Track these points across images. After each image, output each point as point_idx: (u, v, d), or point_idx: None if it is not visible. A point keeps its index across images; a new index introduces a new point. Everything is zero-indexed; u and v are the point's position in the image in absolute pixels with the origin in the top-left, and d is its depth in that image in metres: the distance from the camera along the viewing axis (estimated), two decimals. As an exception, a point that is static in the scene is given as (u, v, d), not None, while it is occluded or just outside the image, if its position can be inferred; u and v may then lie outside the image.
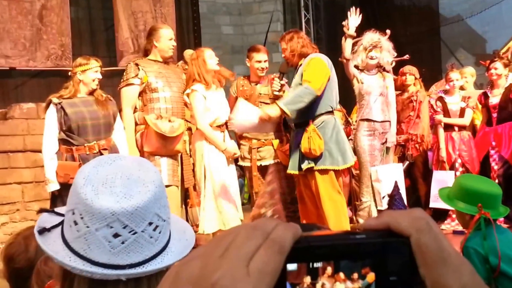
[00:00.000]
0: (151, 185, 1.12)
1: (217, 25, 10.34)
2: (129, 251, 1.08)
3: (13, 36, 7.00)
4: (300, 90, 4.65)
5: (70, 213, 1.10)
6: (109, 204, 1.07)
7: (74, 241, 1.09)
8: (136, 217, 1.08)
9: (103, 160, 1.16)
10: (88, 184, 1.09)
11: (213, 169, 5.06)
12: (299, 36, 4.99)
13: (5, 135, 6.57)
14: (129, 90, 4.90)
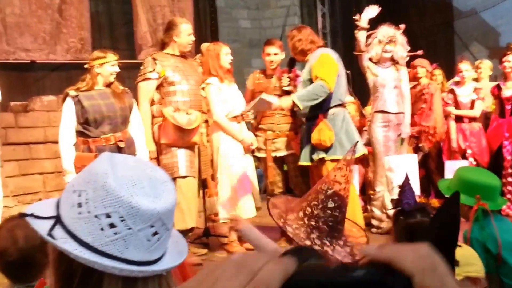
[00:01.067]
0: (170, 184, 1.14)
1: (234, 19, 10.26)
2: (160, 247, 1.11)
3: (33, 30, 6.97)
4: (316, 88, 4.65)
5: (103, 217, 1.08)
6: (153, 205, 1.08)
7: (108, 244, 1.07)
8: (170, 215, 1.12)
9: (112, 159, 1.14)
10: (122, 187, 1.08)
11: (230, 159, 5.09)
12: (300, 34, 5.00)
13: (26, 127, 6.56)
14: (146, 84, 4.89)
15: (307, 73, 4.88)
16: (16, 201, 6.32)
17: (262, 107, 4.87)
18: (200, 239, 5.44)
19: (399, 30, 5.67)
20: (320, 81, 4.65)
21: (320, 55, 4.83)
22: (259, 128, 5.40)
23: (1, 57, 6.66)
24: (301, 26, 5.36)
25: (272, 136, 5.31)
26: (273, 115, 5.31)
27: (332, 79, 4.73)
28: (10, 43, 6.80)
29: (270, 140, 5.31)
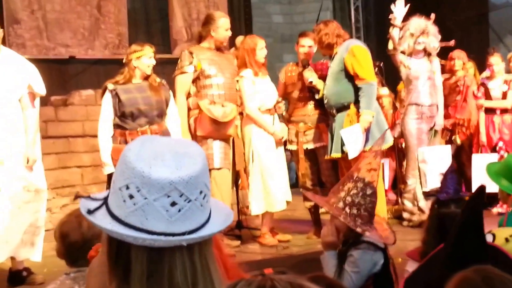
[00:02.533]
0: (199, 157, 1.14)
1: (267, 14, 10.20)
2: (184, 219, 1.10)
3: (73, 26, 7.02)
4: (369, 90, 4.72)
5: (124, 188, 1.11)
6: (166, 175, 1.09)
7: (129, 215, 1.10)
8: (190, 186, 1.10)
9: (146, 139, 1.19)
10: (140, 160, 1.11)
11: (261, 152, 5.06)
12: (326, 28, 4.95)
13: (65, 121, 6.61)
14: (183, 77, 4.92)
15: (337, 65, 4.86)
16: (55, 193, 6.36)
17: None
18: (233, 231, 5.43)
19: (429, 21, 5.57)
20: (367, 83, 4.70)
21: (351, 48, 4.79)
22: (291, 120, 5.34)
23: (42, 53, 6.73)
24: (327, 20, 5.33)
25: (304, 128, 5.24)
26: (305, 107, 5.26)
27: (372, 72, 4.81)
28: (51, 39, 6.86)
29: (302, 132, 5.24)
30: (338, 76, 4.82)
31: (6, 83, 4.12)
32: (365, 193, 2.51)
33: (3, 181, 4.04)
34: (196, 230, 1.11)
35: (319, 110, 5.19)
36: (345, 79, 4.80)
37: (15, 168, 4.11)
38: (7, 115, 4.12)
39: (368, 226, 2.57)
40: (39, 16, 6.76)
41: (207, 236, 1.12)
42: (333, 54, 4.95)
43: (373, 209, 2.58)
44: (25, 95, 4.24)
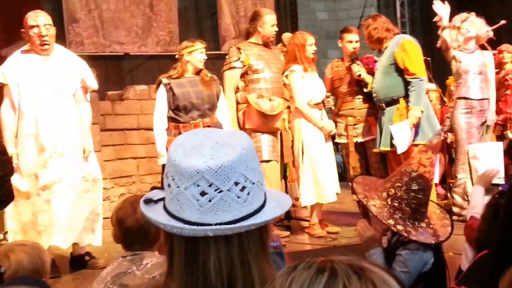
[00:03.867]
0: (238, 148, 1.10)
1: (312, 11, 10.13)
2: (217, 209, 1.06)
3: (127, 24, 7.15)
4: (419, 85, 4.64)
5: (165, 177, 1.11)
6: (194, 163, 1.06)
7: (169, 203, 1.10)
8: (220, 176, 1.06)
9: (197, 131, 1.19)
10: (179, 149, 1.10)
11: (311, 145, 5.04)
12: (375, 23, 4.88)
13: (121, 115, 6.73)
14: (231, 73, 4.95)
15: (387, 59, 4.78)
16: (113, 183, 6.52)
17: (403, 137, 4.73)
18: (282, 222, 5.43)
19: (472, 13, 5.41)
20: (417, 78, 4.62)
21: (402, 42, 4.70)
22: (340, 114, 5.29)
23: (98, 50, 6.89)
24: (375, 15, 5.22)
25: (353, 122, 5.19)
26: (353, 101, 5.20)
27: (422, 67, 4.70)
28: (106, 37, 7.02)
29: (351, 125, 5.19)
30: (388, 70, 4.75)
31: (63, 79, 4.23)
32: (409, 188, 2.41)
33: (64, 172, 4.15)
34: (232, 223, 1.07)
35: (368, 104, 5.12)
36: (395, 73, 4.73)
37: (74, 160, 4.22)
38: (65, 109, 4.23)
39: (409, 222, 2.46)
40: (96, 15, 6.92)
41: (238, 228, 1.07)
42: (382, 49, 4.87)
43: (418, 205, 2.43)
44: (79, 89, 4.35)
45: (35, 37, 4.14)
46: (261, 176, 1.14)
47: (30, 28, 4.13)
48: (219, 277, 1.07)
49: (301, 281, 0.69)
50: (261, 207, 1.12)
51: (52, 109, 4.16)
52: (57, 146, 4.15)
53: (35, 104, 4.13)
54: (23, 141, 4.13)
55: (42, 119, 4.12)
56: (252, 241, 1.10)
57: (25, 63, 4.18)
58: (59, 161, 4.14)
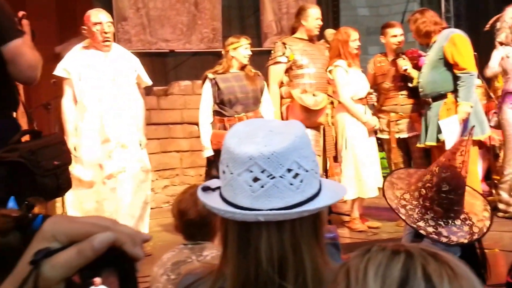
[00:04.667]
0: (292, 136, 1.10)
1: (353, 7, 10.03)
2: (269, 195, 1.06)
3: (172, 22, 7.24)
4: (468, 80, 4.56)
5: (220, 164, 1.13)
6: (248, 150, 1.07)
7: (224, 189, 1.12)
8: (273, 162, 1.06)
9: (253, 120, 1.22)
10: (234, 137, 1.11)
11: (354, 140, 5.01)
12: (423, 17, 4.79)
13: (166, 109, 6.84)
14: (276, 67, 4.97)
15: (436, 53, 4.69)
16: (157, 175, 6.63)
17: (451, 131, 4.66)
18: (323, 217, 5.41)
19: None
20: (467, 73, 4.53)
21: (452, 37, 4.62)
22: (382, 110, 5.24)
23: (145, 47, 6.99)
24: (423, 9, 5.15)
25: (396, 118, 5.14)
26: (396, 97, 5.15)
27: (472, 62, 4.61)
28: (153, 34, 7.12)
29: (394, 121, 5.14)
30: (436, 65, 4.67)
31: (123, 74, 4.39)
32: (439, 189, 2.33)
33: (127, 162, 4.35)
34: (285, 209, 1.07)
35: (412, 100, 5.07)
36: (444, 67, 4.65)
37: (135, 151, 4.42)
38: (126, 103, 4.39)
39: (442, 221, 2.41)
40: (143, 13, 7.03)
41: (290, 214, 1.07)
42: (430, 43, 4.79)
43: (451, 205, 2.38)
44: (135, 85, 4.51)
45: (98, 34, 4.28)
46: (315, 165, 1.14)
47: (93, 25, 4.27)
48: (270, 262, 1.08)
49: (377, 261, 0.68)
50: (315, 195, 1.12)
51: (115, 102, 4.32)
52: (121, 138, 4.34)
53: (98, 98, 4.29)
54: (86, 133, 4.30)
55: (106, 112, 4.29)
56: (304, 228, 1.10)
57: (87, 58, 4.33)
58: (122, 152, 4.33)
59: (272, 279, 1.07)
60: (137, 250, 0.59)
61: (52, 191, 2.47)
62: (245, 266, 1.09)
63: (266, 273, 1.07)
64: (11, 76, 2.52)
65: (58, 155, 2.55)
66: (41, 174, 2.39)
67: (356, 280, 0.68)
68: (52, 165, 2.47)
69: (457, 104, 4.54)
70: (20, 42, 2.48)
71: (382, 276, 0.66)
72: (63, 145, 2.66)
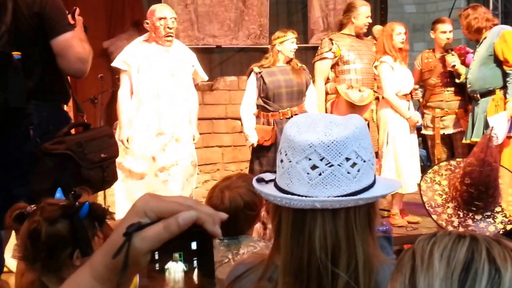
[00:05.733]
0: (352, 126, 1.10)
1: (400, 4, 9.84)
2: (326, 183, 1.06)
3: (220, 18, 7.23)
4: None
5: (278, 154, 1.13)
6: (308, 138, 1.07)
7: (279, 178, 1.12)
8: (332, 150, 1.06)
9: (313, 114, 1.24)
10: (294, 126, 1.12)
11: (396, 135, 4.96)
12: (475, 12, 4.68)
13: (210, 104, 6.82)
14: (322, 63, 4.93)
15: (486, 50, 4.58)
16: (199, 170, 6.61)
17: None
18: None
19: None
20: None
21: (503, 33, 4.48)
22: (427, 106, 5.16)
23: (192, 43, 6.98)
24: (475, 5, 5.02)
25: (441, 114, 5.05)
26: (442, 93, 5.07)
27: None
28: (200, 30, 7.13)
29: (439, 117, 5.05)
30: (486, 61, 4.56)
31: (182, 69, 4.37)
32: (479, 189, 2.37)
33: (179, 156, 4.33)
34: (340, 197, 1.07)
35: (459, 96, 4.97)
36: (493, 64, 4.53)
37: (187, 145, 4.41)
38: (183, 97, 4.37)
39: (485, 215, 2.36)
40: (192, 9, 7.04)
41: (347, 201, 1.07)
42: (481, 39, 4.67)
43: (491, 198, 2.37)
44: (191, 80, 4.49)
45: (162, 29, 4.25)
46: (372, 156, 1.14)
47: (158, 20, 4.25)
48: (324, 249, 1.07)
49: (443, 244, 0.70)
50: (370, 185, 1.11)
51: (173, 97, 4.29)
52: (176, 132, 4.32)
53: (156, 91, 4.26)
54: (140, 125, 4.27)
55: (163, 106, 4.26)
56: (359, 217, 1.10)
57: (147, 51, 4.31)
58: (176, 145, 4.32)
59: (325, 266, 1.07)
60: (216, 228, 0.65)
61: (97, 183, 2.46)
62: (298, 253, 1.10)
63: (319, 260, 1.07)
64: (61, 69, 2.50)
65: (105, 147, 2.53)
66: (87, 166, 2.38)
67: (422, 261, 0.70)
68: (98, 157, 2.46)
69: (506, 101, 4.43)
70: (70, 36, 2.48)
71: (448, 258, 0.68)
72: (111, 138, 2.64)
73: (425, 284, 0.67)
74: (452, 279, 0.66)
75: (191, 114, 4.46)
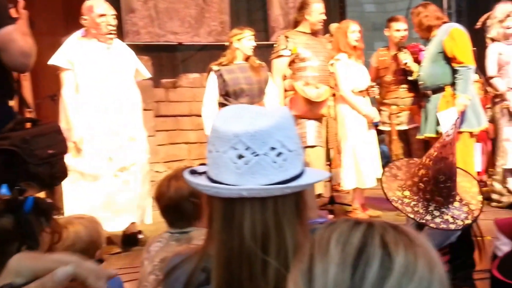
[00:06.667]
0: (277, 116, 1.11)
1: (359, 3, 9.94)
2: (253, 172, 1.07)
3: (181, 15, 7.16)
4: (466, 73, 4.48)
5: (207, 145, 1.14)
6: (233, 128, 1.08)
7: (210, 169, 1.13)
8: (257, 140, 1.07)
9: (240, 105, 1.23)
10: (221, 117, 1.13)
11: (354, 131, 4.99)
12: (426, 10, 4.73)
13: (174, 101, 6.78)
14: (279, 61, 4.92)
15: (435, 47, 4.63)
16: (166, 167, 6.56)
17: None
18: (326, 207, 5.40)
19: None
20: (465, 66, 4.46)
21: (451, 31, 4.55)
22: (384, 102, 5.21)
23: (154, 39, 6.91)
24: (426, 3, 5.09)
25: (396, 111, 5.11)
26: (397, 90, 5.13)
27: (470, 56, 4.54)
28: (161, 27, 7.04)
29: (395, 114, 5.11)
30: (436, 58, 4.62)
31: (125, 67, 4.29)
32: (437, 181, 2.33)
33: (137, 154, 4.27)
34: (267, 186, 1.08)
35: (412, 93, 5.04)
36: (443, 61, 4.59)
37: (141, 143, 4.35)
38: (130, 95, 4.29)
39: (445, 208, 2.37)
40: (151, 5, 6.95)
41: (273, 190, 1.07)
42: (430, 37, 4.72)
43: (449, 191, 2.38)
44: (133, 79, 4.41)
45: (103, 26, 4.14)
46: (299, 147, 1.14)
47: (98, 16, 4.13)
48: (253, 238, 1.08)
49: (339, 231, 0.71)
50: (298, 175, 1.12)
51: (120, 95, 4.21)
52: (129, 131, 4.25)
53: (99, 90, 4.14)
54: (91, 125, 4.13)
55: (112, 105, 4.17)
56: (287, 206, 1.10)
57: (89, 49, 4.17)
58: (131, 144, 4.25)
59: (256, 254, 1.08)
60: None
61: (46, 180, 2.38)
62: (229, 242, 1.10)
63: (249, 248, 1.08)
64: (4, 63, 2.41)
65: (54, 144, 2.47)
66: (34, 162, 2.30)
67: (319, 246, 0.71)
68: (46, 153, 2.39)
69: (455, 97, 4.49)
70: (11, 29, 2.39)
71: (343, 243, 0.69)
72: (59, 134, 2.57)
73: (321, 270, 0.68)
74: (345, 264, 0.67)
75: (138, 112, 4.38)
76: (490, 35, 5.33)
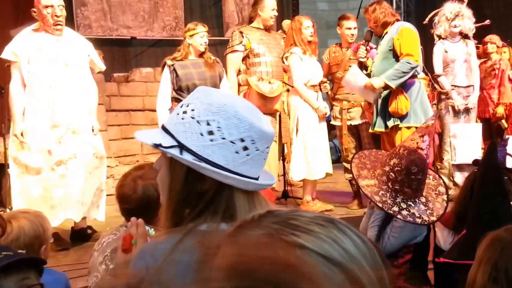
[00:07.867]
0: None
1: (313, 1, 10.01)
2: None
3: (134, 9, 7.05)
4: (402, 66, 4.52)
5: (204, 123, 1.14)
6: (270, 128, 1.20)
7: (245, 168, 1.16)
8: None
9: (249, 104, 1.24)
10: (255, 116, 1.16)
11: (305, 123, 5.03)
12: (381, 7, 4.80)
13: (127, 96, 6.65)
14: (234, 56, 4.95)
15: (386, 44, 4.70)
16: (118, 161, 6.43)
17: (366, 96, 4.73)
18: (279, 200, 5.44)
19: (463, 4, 5.43)
20: (405, 58, 4.52)
21: (401, 29, 4.64)
22: (336, 98, 5.28)
23: (106, 33, 6.77)
24: (379, 1, 5.10)
25: (348, 106, 5.18)
26: None
27: (417, 53, 4.61)
28: (114, 21, 6.90)
29: (346, 109, 5.18)
30: (387, 55, 4.70)
31: (75, 59, 4.17)
32: (409, 171, 2.35)
33: (78, 148, 4.12)
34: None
35: None
36: (393, 58, 4.66)
37: (87, 137, 4.19)
38: (78, 88, 4.16)
39: (411, 201, 2.38)
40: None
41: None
42: (383, 34, 4.79)
43: (419, 185, 2.41)
44: (88, 70, 4.29)
45: (49, 17, 4.02)
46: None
47: (44, 8, 4.01)
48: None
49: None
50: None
51: (67, 87, 4.08)
52: (72, 123, 4.10)
53: (49, 82, 4.03)
54: (34, 118, 4.02)
55: (57, 98, 4.04)
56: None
57: (37, 41, 4.06)
58: (73, 137, 4.10)
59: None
60: None
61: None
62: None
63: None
64: None
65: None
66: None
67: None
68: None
69: (399, 89, 4.53)
70: None
71: None
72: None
73: None
74: None
75: (90, 105, 4.26)
76: (438, 32, 5.47)
